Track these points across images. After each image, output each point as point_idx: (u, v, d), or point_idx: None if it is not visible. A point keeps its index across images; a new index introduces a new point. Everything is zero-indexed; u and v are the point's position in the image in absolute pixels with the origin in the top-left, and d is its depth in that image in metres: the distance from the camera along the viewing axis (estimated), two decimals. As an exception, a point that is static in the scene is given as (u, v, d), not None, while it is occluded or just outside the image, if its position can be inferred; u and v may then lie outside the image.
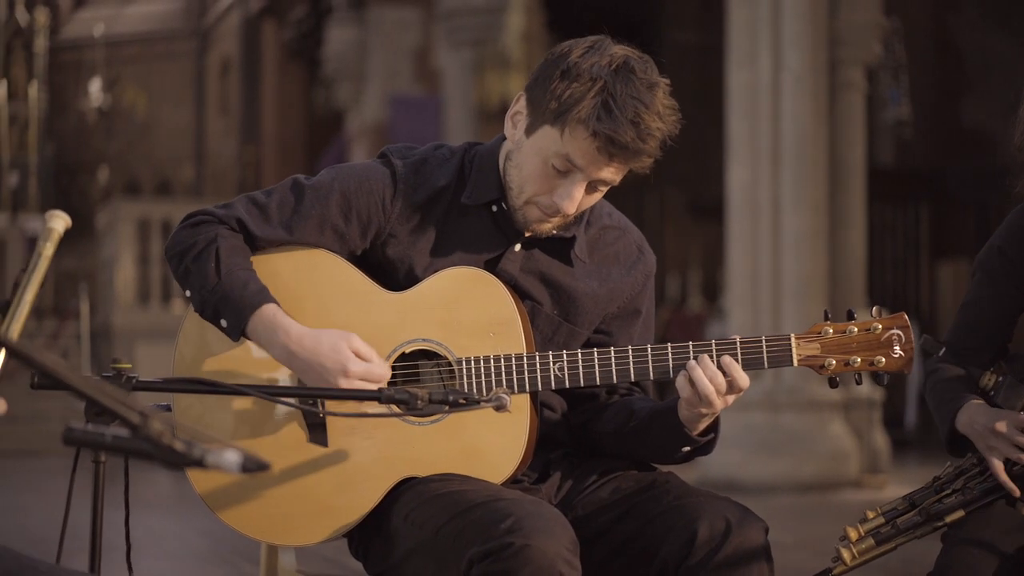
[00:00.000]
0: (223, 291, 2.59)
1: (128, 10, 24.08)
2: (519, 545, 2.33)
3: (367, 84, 14.97)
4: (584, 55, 2.56)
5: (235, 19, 21.08)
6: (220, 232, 2.64)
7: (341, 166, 2.77)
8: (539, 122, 2.60)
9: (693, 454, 2.74)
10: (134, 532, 2.57)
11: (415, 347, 2.66)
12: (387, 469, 2.63)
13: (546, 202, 2.63)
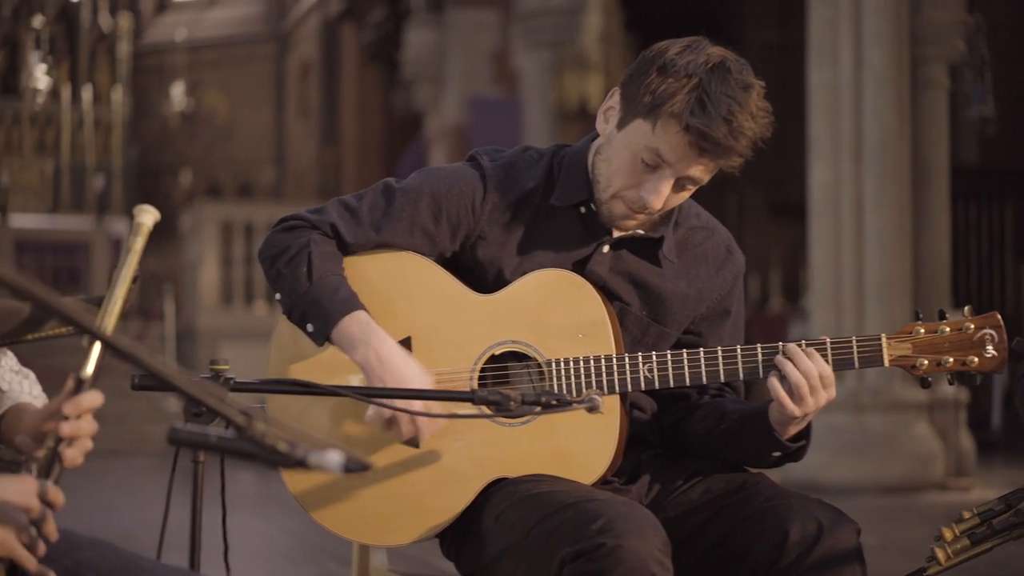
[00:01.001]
0: (313, 296, 2.62)
1: (209, 14, 24.34)
2: (611, 545, 2.34)
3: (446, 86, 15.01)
4: (681, 53, 2.57)
5: (315, 22, 21.24)
6: (313, 237, 2.67)
7: (431, 168, 2.79)
8: (631, 116, 2.61)
9: (783, 460, 2.73)
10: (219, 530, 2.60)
11: (505, 349, 2.68)
12: (479, 470, 2.64)
13: (632, 196, 2.63)
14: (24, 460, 2.08)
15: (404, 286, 2.72)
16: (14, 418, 2.06)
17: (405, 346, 2.67)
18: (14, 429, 2.05)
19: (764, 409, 2.65)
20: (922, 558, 2.81)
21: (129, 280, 2.08)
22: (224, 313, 15.03)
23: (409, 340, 2.68)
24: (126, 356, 1.58)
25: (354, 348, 2.60)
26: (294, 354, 2.74)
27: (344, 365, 2.70)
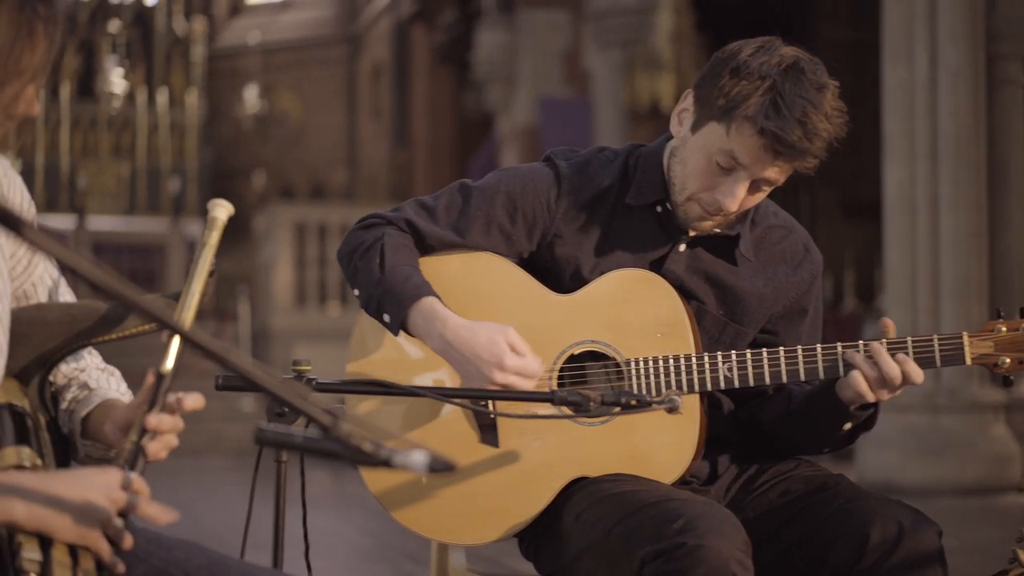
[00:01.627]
0: (386, 285, 2.64)
1: (282, 17, 24.52)
2: (692, 545, 2.34)
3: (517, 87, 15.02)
4: (754, 54, 2.56)
5: (386, 24, 21.34)
6: (387, 231, 2.70)
7: (507, 168, 2.81)
8: (705, 118, 2.61)
9: (855, 432, 2.72)
10: (296, 529, 2.62)
11: (583, 348, 2.68)
12: (558, 470, 2.65)
13: (708, 199, 2.63)
14: (114, 456, 2.11)
15: (482, 286, 2.73)
16: (103, 415, 2.09)
17: None
18: (102, 426, 2.08)
19: (829, 385, 2.64)
20: (1002, 560, 2.78)
21: (205, 274, 2.10)
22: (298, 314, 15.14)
23: None
24: (211, 353, 1.59)
25: (427, 335, 2.61)
26: (373, 354, 2.76)
27: (422, 364, 2.72)
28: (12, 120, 1.86)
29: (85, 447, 2.11)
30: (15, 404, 1.99)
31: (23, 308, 2.09)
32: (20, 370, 2.06)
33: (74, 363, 2.18)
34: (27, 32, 1.81)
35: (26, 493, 1.78)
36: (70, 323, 2.07)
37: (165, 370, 1.99)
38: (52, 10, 1.85)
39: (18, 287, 2.12)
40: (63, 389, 2.16)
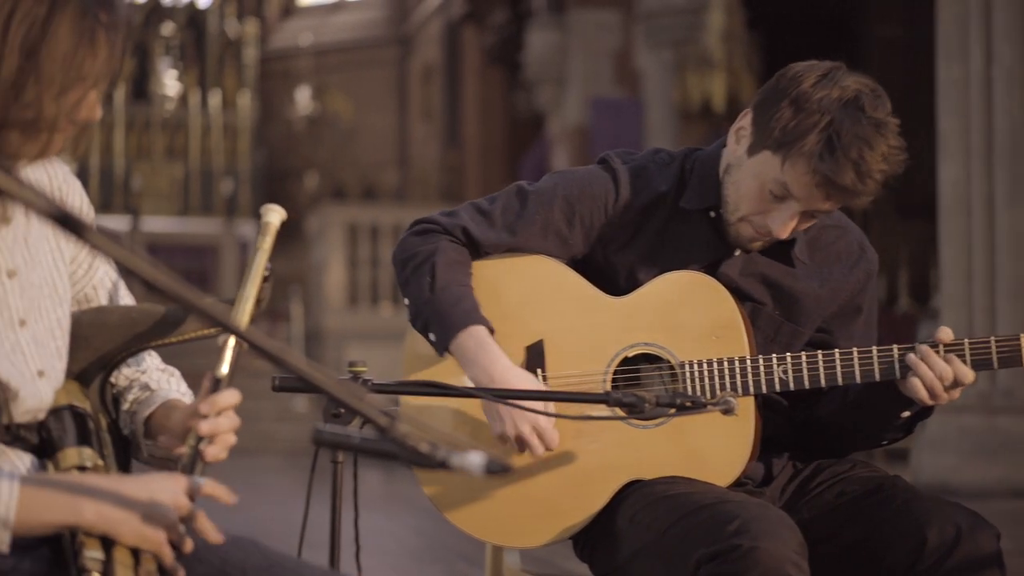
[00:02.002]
0: (435, 306, 2.65)
1: (333, 19, 24.62)
2: (747, 547, 2.33)
3: (567, 87, 15.02)
4: (815, 85, 2.54)
5: (437, 25, 21.38)
6: (440, 245, 2.70)
7: (563, 171, 2.81)
8: (761, 145, 2.60)
9: (913, 420, 2.72)
10: (349, 530, 2.64)
11: (637, 351, 2.68)
12: (613, 472, 2.65)
13: (759, 222, 2.63)
14: (176, 456, 2.13)
15: (537, 289, 2.73)
16: (164, 415, 2.11)
17: (538, 349, 2.68)
18: (164, 426, 2.11)
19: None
20: (1062, 563, 2.77)
21: (260, 278, 2.12)
22: (350, 314, 15.20)
23: (542, 343, 2.70)
24: (270, 355, 1.61)
25: (468, 365, 2.63)
26: (428, 356, 2.77)
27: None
28: (75, 126, 1.89)
29: (148, 447, 2.14)
30: (76, 405, 2.01)
31: (84, 311, 2.12)
32: (81, 372, 2.09)
33: (135, 365, 2.20)
34: (89, 39, 1.83)
35: (95, 494, 1.80)
36: (130, 326, 2.10)
37: (221, 374, 2.01)
38: (114, 17, 1.87)
39: (79, 291, 2.15)
40: (124, 391, 2.19)
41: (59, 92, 1.82)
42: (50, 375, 1.98)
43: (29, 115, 1.81)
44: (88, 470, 1.93)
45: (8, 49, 1.78)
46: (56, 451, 1.95)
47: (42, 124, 1.82)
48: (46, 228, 2.05)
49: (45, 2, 1.80)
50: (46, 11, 1.80)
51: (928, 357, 2.56)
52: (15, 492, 1.75)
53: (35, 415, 1.96)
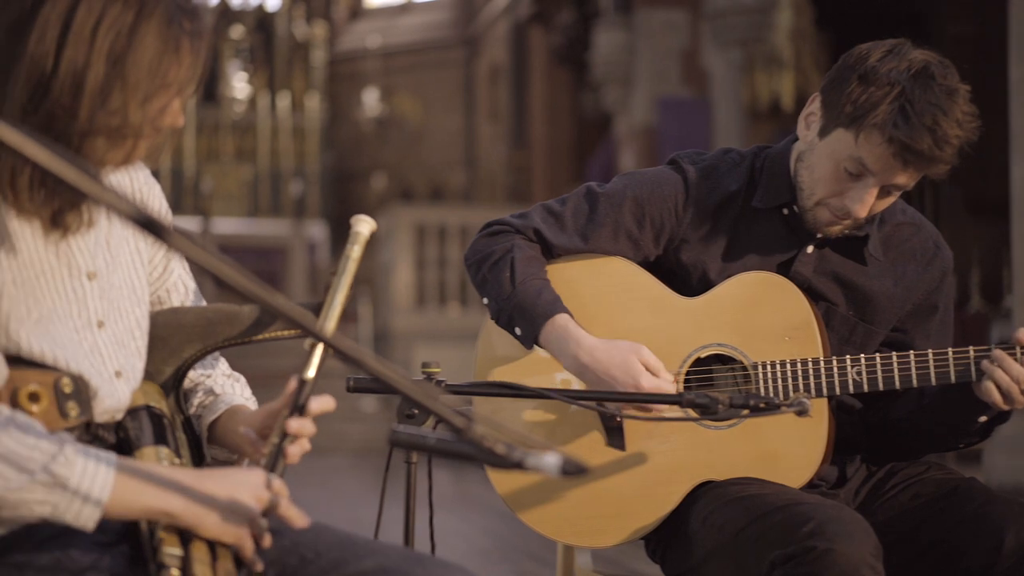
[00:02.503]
0: (518, 300, 2.66)
1: (400, 21, 24.72)
2: (822, 549, 2.32)
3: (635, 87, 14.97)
4: (883, 59, 2.53)
5: (503, 26, 21.41)
6: (516, 242, 2.71)
7: (633, 173, 2.81)
8: (833, 125, 2.58)
9: (991, 425, 2.69)
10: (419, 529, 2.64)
11: (710, 352, 2.68)
12: (685, 473, 2.65)
13: (837, 204, 2.61)
14: (236, 460, 2.16)
15: (609, 290, 2.74)
16: (229, 420, 2.14)
17: None
18: (230, 431, 2.13)
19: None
20: None
21: (348, 287, 2.15)
22: (417, 315, 15.25)
23: None
24: (352, 359, 1.62)
25: (560, 353, 2.63)
26: (500, 356, 2.78)
27: (550, 366, 2.73)
28: (159, 133, 1.92)
29: (211, 452, 2.17)
30: (153, 406, 2.04)
31: (160, 312, 2.15)
32: (157, 372, 2.12)
33: (202, 368, 2.23)
34: (174, 46, 1.86)
35: (183, 487, 1.83)
36: (206, 327, 2.12)
37: (307, 377, 2.03)
38: (197, 25, 1.89)
39: (153, 292, 2.18)
40: (190, 393, 2.22)
41: (144, 99, 1.85)
42: (128, 375, 2.01)
43: (115, 122, 1.84)
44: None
45: (95, 57, 1.81)
46: (134, 450, 1.98)
47: (127, 131, 1.85)
48: (126, 230, 2.08)
49: (132, 10, 1.83)
50: (132, 19, 1.83)
51: (1003, 360, 2.53)
52: (111, 474, 1.79)
53: (113, 415, 1.99)
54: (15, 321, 1.86)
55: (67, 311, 1.93)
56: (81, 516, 1.77)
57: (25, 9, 1.82)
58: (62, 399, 1.89)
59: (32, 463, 1.75)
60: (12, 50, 1.81)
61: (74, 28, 1.81)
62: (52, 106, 1.81)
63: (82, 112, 1.82)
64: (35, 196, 1.84)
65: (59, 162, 1.40)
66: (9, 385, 1.85)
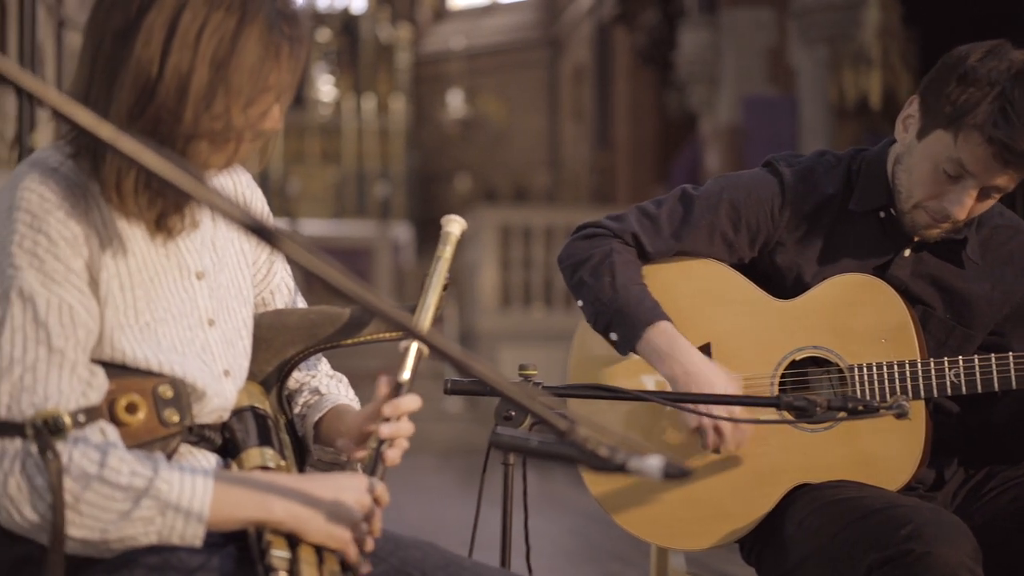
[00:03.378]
0: (617, 306, 2.66)
1: (485, 22, 24.78)
2: (920, 552, 2.30)
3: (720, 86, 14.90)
4: (982, 60, 2.50)
5: (587, 27, 21.38)
6: (614, 246, 2.72)
7: (729, 175, 2.80)
8: (932, 126, 2.56)
9: None
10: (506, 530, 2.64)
11: (805, 354, 2.67)
12: (781, 475, 2.64)
13: (935, 207, 2.59)
14: (344, 461, 2.18)
15: (704, 292, 2.73)
16: (334, 420, 2.16)
17: (705, 352, 2.68)
18: (334, 431, 2.15)
19: None
20: None
21: (441, 287, 2.16)
22: (502, 316, 15.26)
23: (709, 346, 2.69)
24: (454, 360, 1.63)
25: (660, 360, 2.63)
26: (594, 359, 2.79)
27: (642, 370, 2.73)
28: (260, 138, 1.94)
29: (317, 452, 2.19)
30: (257, 407, 2.07)
31: (263, 314, 2.18)
32: (260, 373, 2.14)
33: (306, 369, 2.25)
34: (275, 52, 1.88)
35: (284, 492, 1.85)
36: (309, 328, 2.15)
37: (403, 379, 2.05)
38: (297, 30, 1.92)
39: (258, 294, 2.21)
40: (295, 394, 2.24)
41: (246, 103, 1.88)
42: (235, 374, 2.04)
43: (218, 126, 1.86)
44: (271, 470, 1.98)
45: (199, 62, 1.84)
46: (239, 451, 2.00)
47: (230, 134, 1.88)
48: (231, 232, 2.11)
49: (234, 17, 1.85)
50: (235, 25, 1.85)
51: None
52: (209, 488, 1.81)
53: (220, 415, 2.01)
54: (119, 330, 1.88)
55: (180, 310, 1.96)
56: (187, 535, 1.80)
57: (131, 16, 1.84)
58: (161, 406, 1.90)
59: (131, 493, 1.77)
60: (118, 56, 1.84)
61: (179, 34, 1.84)
62: (157, 110, 1.84)
63: (186, 116, 1.85)
64: (140, 199, 1.87)
65: (169, 166, 1.43)
66: (107, 397, 1.87)
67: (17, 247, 1.81)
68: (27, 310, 1.80)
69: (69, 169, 1.88)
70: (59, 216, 1.83)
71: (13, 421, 1.76)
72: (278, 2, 1.90)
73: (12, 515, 1.77)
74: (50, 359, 1.80)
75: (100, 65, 1.85)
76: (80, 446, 1.77)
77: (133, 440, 1.88)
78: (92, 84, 1.86)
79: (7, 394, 1.77)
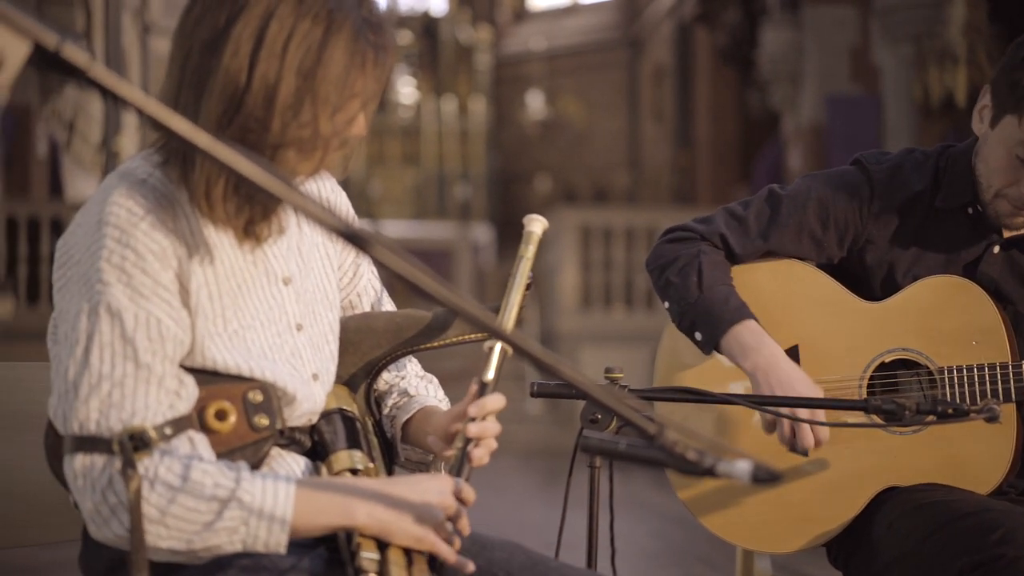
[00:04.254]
0: (704, 305, 2.65)
1: (564, 23, 24.78)
2: (1012, 556, 2.28)
3: (803, 85, 14.79)
4: None
5: (668, 27, 21.32)
6: (702, 248, 2.71)
7: (816, 174, 2.79)
8: (1001, 112, 2.55)
9: None
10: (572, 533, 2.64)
11: (894, 356, 2.64)
12: (868, 478, 2.62)
13: (1014, 194, 2.57)
14: (431, 460, 2.19)
15: (792, 293, 2.72)
16: (423, 420, 2.18)
17: (793, 354, 2.67)
18: (423, 431, 2.16)
19: None
20: None
21: (523, 287, 2.17)
22: (583, 317, 15.24)
23: (797, 348, 2.68)
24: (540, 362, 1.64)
25: (744, 356, 2.61)
26: (681, 362, 2.78)
27: (728, 374, 2.72)
28: (346, 145, 1.95)
29: (405, 452, 2.20)
30: (345, 409, 2.09)
31: (350, 317, 2.20)
32: (348, 376, 2.16)
33: (395, 371, 2.27)
34: (360, 60, 1.90)
35: (367, 496, 1.86)
36: (395, 331, 2.16)
37: (488, 379, 2.06)
38: (383, 38, 1.93)
39: (344, 297, 2.23)
40: (384, 395, 2.26)
41: (333, 111, 1.89)
42: (323, 378, 2.06)
43: (306, 134, 1.88)
44: (359, 472, 1.99)
45: (286, 71, 1.85)
46: (328, 454, 2.02)
47: (318, 142, 1.89)
48: (317, 237, 2.14)
49: (321, 26, 1.87)
50: (321, 35, 1.87)
51: None
52: (291, 495, 1.83)
53: (309, 418, 2.04)
54: (208, 338, 1.91)
55: (269, 316, 1.99)
56: (271, 543, 1.81)
57: (219, 27, 1.86)
58: (251, 411, 1.92)
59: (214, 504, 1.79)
60: (206, 66, 1.86)
61: (266, 44, 1.85)
62: (245, 119, 1.85)
63: (274, 125, 1.86)
64: (228, 206, 1.89)
65: (263, 173, 1.45)
66: (197, 405, 1.89)
67: (105, 262, 1.83)
68: (115, 326, 1.82)
69: (157, 180, 1.90)
70: (146, 230, 1.85)
71: (102, 437, 1.79)
72: (364, 10, 1.91)
73: (101, 529, 1.81)
74: (137, 374, 1.82)
75: (188, 75, 1.87)
76: (166, 460, 1.80)
77: (224, 446, 1.90)
78: (180, 94, 1.88)
79: (96, 410, 1.80)
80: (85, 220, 1.88)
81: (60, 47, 1.34)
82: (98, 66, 1.36)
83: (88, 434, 1.79)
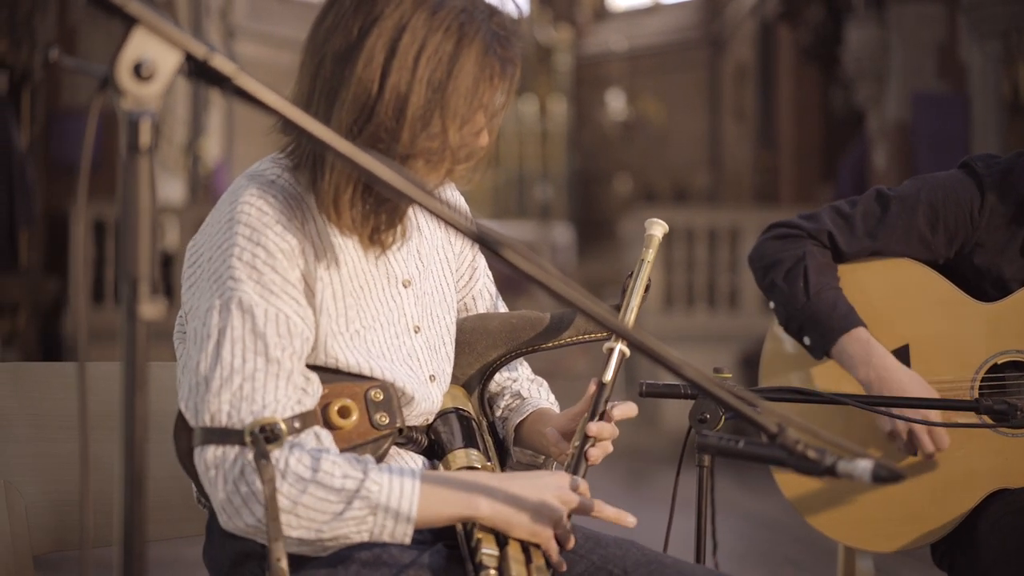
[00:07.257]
0: (811, 311, 2.66)
1: (644, 22, 24.72)
2: None
3: (888, 83, 14.66)
4: None
5: (750, 25, 21.21)
6: (808, 249, 2.71)
7: (925, 177, 2.78)
8: None
9: None
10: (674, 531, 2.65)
11: (1007, 358, 2.63)
12: (978, 479, 2.61)
13: None
14: (542, 463, 2.22)
15: (901, 293, 2.71)
16: (536, 423, 2.21)
17: (903, 354, 2.66)
18: (536, 433, 2.20)
19: None
20: None
21: (643, 288, 2.20)
22: (665, 317, 15.21)
23: (907, 348, 2.67)
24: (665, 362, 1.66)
25: (854, 367, 2.62)
26: (785, 363, 2.78)
27: (835, 374, 2.72)
28: (472, 157, 1.98)
29: (516, 453, 2.23)
30: (461, 409, 2.12)
31: (466, 318, 2.23)
32: (463, 376, 2.20)
33: (507, 372, 2.30)
34: (489, 74, 1.93)
35: (489, 491, 1.89)
36: (510, 332, 2.20)
37: (606, 380, 2.08)
38: (511, 51, 1.96)
39: (461, 299, 2.27)
40: (496, 397, 2.29)
41: (461, 123, 1.92)
42: (440, 379, 2.10)
43: (434, 145, 1.91)
44: (477, 471, 2.03)
45: (417, 83, 1.88)
46: (445, 453, 2.05)
47: (445, 154, 1.92)
48: (436, 240, 2.18)
49: (452, 40, 1.90)
50: (452, 48, 1.90)
51: None
52: (417, 488, 1.86)
53: (426, 418, 2.07)
54: (331, 337, 1.95)
55: (388, 318, 2.03)
56: (396, 533, 1.85)
57: (352, 39, 1.90)
58: (372, 409, 1.97)
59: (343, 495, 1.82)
60: (339, 76, 1.90)
61: (398, 55, 1.88)
62: (376, 129, 1.89)
63: (404, 135, 1.89)
64: (355, 214, 1.93)
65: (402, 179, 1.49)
66: (321, 401, 1.93)
67: (237, 259, 1.87)
68: (246, 322, 1.86)
69: (286, 182, 1.95)
70: (276, 229, 1.89)
71: (233, 428, 1.83)
72: (495, 23, 1.94)
73: (232, 519, 1.84)
74: (268, 369, 1.86)
75: (321, 84, 1.91)
76: (296, 452, 1.83)
77: (346, 443, 1.95)
78: (311, 103, 1.92)
79: (228, 403, 1.84)
80: (215, 219, 1.93)
81: (209, 57, 1.38)
82: (243, 75, 1.40)
83: (219, 426, 1.83)
